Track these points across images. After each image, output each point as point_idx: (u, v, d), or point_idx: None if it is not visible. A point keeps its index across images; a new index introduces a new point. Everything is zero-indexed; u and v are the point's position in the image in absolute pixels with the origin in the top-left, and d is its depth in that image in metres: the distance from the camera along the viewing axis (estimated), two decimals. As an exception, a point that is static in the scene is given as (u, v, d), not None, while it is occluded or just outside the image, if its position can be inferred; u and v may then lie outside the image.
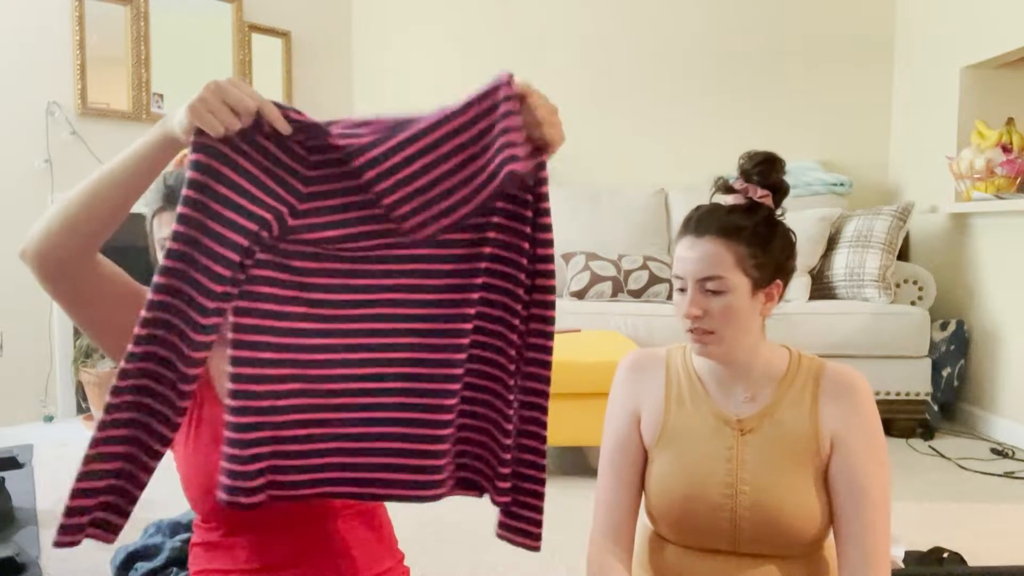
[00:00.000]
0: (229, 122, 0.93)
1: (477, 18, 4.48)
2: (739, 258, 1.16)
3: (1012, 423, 3.30)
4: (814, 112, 4.37)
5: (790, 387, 1.21)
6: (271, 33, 4.20)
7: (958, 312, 3.66)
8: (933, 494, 2.65)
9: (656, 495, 1.24)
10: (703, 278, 1.16)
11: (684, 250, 1.19)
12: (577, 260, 3.79)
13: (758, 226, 1.17)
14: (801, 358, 1.25)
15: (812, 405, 1.19)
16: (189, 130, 0.95)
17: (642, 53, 4.43)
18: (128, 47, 3.67)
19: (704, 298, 1.17)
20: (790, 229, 1.23)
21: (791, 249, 1.23)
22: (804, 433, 1.18)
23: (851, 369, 1.23)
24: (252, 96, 0.94)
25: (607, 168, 4.43)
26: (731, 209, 1.19)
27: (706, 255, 1.16)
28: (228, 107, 0.93)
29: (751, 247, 1.16)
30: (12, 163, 3.37)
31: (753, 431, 1.20)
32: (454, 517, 2.36)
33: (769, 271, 1.18)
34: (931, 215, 3.85)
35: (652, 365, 1.31)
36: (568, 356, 2.72)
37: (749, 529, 1.17)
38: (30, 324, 3.44)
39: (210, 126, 0.93)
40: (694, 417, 1.24)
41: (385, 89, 4.53)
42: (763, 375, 1.23)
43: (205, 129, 0.93)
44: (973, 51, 3.57)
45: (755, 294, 1.18)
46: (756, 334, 1.22)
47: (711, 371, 1.25)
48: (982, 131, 3.50)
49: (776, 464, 1.18)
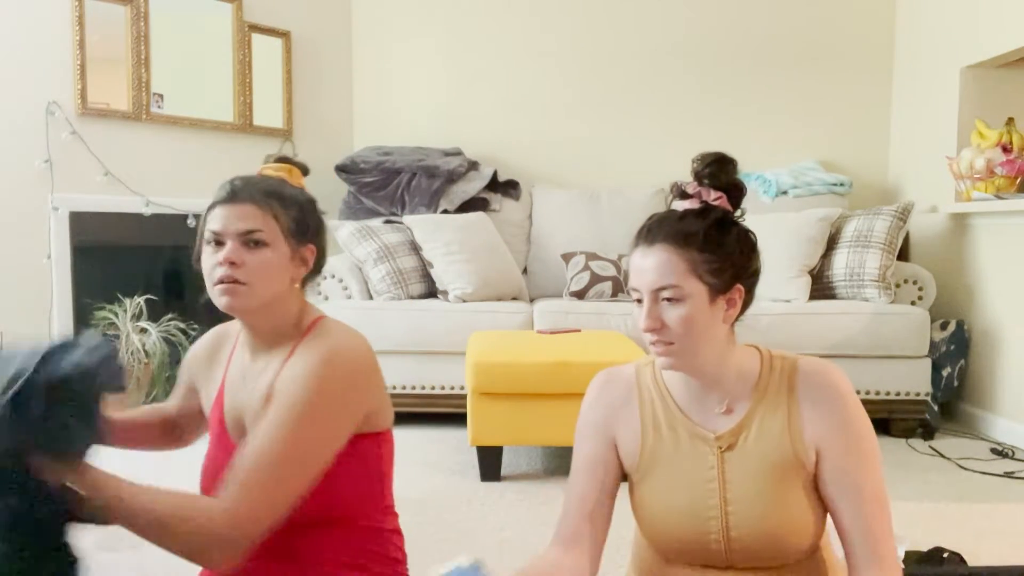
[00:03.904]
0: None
1: (477, 19, 4.47)
2: (692, 264, 1.10)
3: (1012, 423, 3.30)
4: (814, 112, 4.37)
5: (765, 394, 1.17)
6: (271, 33, 4.20)
7: (958, 312, 3.66)
8: (933, 494, 2.65)
9: (644, 520, 1.22)
10: (657, 288, 1.11)
11: (637, 260, 1.14)
12: (577, 260, 3.79)
13: (710, 229, 1.12)
14: (772, 359, 1.20)
15: (790, 412, 1.15)
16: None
17: (641, 54, 4.43)
18: (128, 47, 3.67)
19: (660, 309, 1.12)
20: (748, 230, 1.17)
21: (751, 251, 1.17)
22: (786, 446, 1.14)
23: (825, 364, 1.18)
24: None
25: (607, 168, 4.43)
26: (683, 215, 1.14)
27: (659, 264, 1.11)
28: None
29: (704, 252, 1.11)
30: (12, 163, 3.36)
31: (732, 447, 1.16)
32: (452, 516, 2.36)
33: (727, 276, 1.12)
34: (931, 215, 3.85)
35: (623, 389, 1.26)
36: (568, 356, 2.72)
37: (741, 548, 1.15)
38: (30, 324, 3.44)
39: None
40: (671, 440, 1.20)
41: (385, 89, 4.53)
42: (737, 383, 1.18)
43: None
44: (973, 51, 3.56)
45: (714, 301, 1.12)
46: (722, 343, 1.16)
47: (683, 385, 1.21)
48: (982, 131, 3.50)
49: (761, 480, 1.14)
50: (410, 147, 4.31)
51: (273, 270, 1.22)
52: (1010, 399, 3.34)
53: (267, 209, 1.21)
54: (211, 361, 1.38)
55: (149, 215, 3.70)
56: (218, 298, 1.21)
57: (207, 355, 1.40)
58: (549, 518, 2.38)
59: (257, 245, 1.20)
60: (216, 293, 1.21)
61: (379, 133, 4.49)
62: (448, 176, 4.12)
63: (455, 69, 4.50)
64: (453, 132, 4.45)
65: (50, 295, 3.48)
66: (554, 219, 4.17)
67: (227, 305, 1.21)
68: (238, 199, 1.21)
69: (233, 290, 1.19)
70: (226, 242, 1.20)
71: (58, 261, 3.49)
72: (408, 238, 3.78)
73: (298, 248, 1.26)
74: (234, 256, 1.19)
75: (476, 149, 4.38)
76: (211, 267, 1.21)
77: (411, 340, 3.45)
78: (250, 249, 1.20)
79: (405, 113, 4.51)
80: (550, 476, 2.83)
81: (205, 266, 1.22)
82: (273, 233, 1.21)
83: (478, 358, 2.72)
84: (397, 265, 3.65)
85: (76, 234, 3.52)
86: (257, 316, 1.24)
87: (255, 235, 1.20)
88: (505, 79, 4.47)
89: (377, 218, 4.05)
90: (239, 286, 1.19)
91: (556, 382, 2.67)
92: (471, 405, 2.73)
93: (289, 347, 1.25)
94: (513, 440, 2.75)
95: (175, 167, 3.85)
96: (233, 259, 1.19)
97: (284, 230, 1.23)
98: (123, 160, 3.65)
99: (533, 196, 4.27)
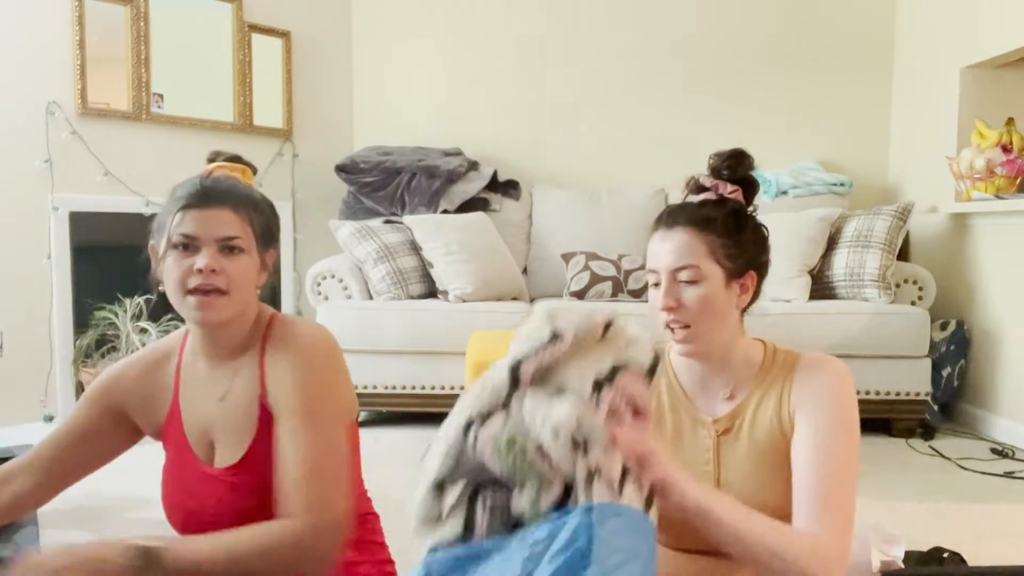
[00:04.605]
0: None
1: (477, 19, 4.47)
2: (711, 248, 1.16)
3: (1012, 423, 3.30)
4: (814, 112, 4.37)
5: (763, 382, 1.20)
6: (271, 33, 4.20)
7: (958, 312, 3.66)
8: (933, 494, 2.65)
9: None
10: (677, 268, 1.16)
11: (657, 243, 1.19)
12: (577, 260, 3.79)
13: (727, 217, 1.17)
14: (776, 351, 1.23)
15: (782, 395, 1.18)
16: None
17: (642, 54, 4.43)
18: (128, 47, 3.67)
19: (678, 289, 1.16)
20: (762, 223, 1.23)
21: (764, 243, 1.22)
22: (775, 428, 1.17)
23: (829, 356, 1.20)
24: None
25: (607, 168, 4.43)
26: (702, 203, 1.20)
27: (679, 246, 1.16)
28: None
29: (722, 237, 1.16)
30: (12, 163, 3.36)
31: (729, 431, 1.19)
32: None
33: (742, 262, 1.18)
34: (931, 215, 3.85)
35: None
36: (568, 356, 2.72)
37: None
38: (30, 324, 3.44)
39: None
40: (673, 423, 1.23)
41: (385, 89, 4.53)
42: (742, 370, 1.22)
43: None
44: (973, 51, 3.56)
45: (729, 284, 1.17)
46: (734, 328, 1.21)
47: (691, 371, 1.24)
48: (982, 131, 3.50)
49: (755, 463, 1.17)
50: (410, 147, 4.30)
51: (250, 278, 1.19)
52: (1010, 399, 3.34)
53: (243, 214, 1.18)
54: (148, 381, 1.28)
55: (149, 215, 3.70)
56: (192, 310, 1.15)
57: (140, 375, 1.29)
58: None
59: (233, 252, 1.16)
60: (191, 304, 1.15)
61: (379, 133, 4.49)
62: (448, 176, 4.12)
63: (455, 69, 4.50)
64: (453, 132, 4.45)
65: (50, 295, 3.48)
66: (554, 219, 4.17)
67: (203, 319, 1.16)
68: (212, 203, 1.16)
69: (211, 302, 1.14)
70: (201, 248, 1.15)
71: (58, 261, 3.49)
72: (408, 238, 3.78)
73: (264, 253, 1.23)
74: (215, 263, 1.14)
75: (476, 149, 4.38)
76: (183, 274, 1.15)
77: (411, 340, 3.45)
78: (227, 256, 1.15)
79: (405, 113, 4.51)
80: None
81: (173, 272, 1.15)
82: (249, 240, 1.18)
83: (478, 358, 2.72)
84: (397, 265, 3.65)
85: (76, 234, 3.52)
86: (228, 326, 1.20)
87: (234, 241, 1.16)
88: (505, 79, 4.47)
89: (377, 218, 4.05)
90: (219, 296, 1.15)
91: (556, 382, 2.67)
92: (471, 405, 2.72)
93: (255, 348, 1.22)
94: (513, 440, 2.74)
95: (175, 167, 3.83)
96: (214, 267, 1.14)
97: (256, 236, 1.20)
98: (123, 160, 3.65)
99: (533, 196, 4.27)
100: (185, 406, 1.26)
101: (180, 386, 1.27)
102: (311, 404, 1.14)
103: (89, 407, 1.29)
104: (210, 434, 1.23)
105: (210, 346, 1.23)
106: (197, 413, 1.24)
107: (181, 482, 1.24)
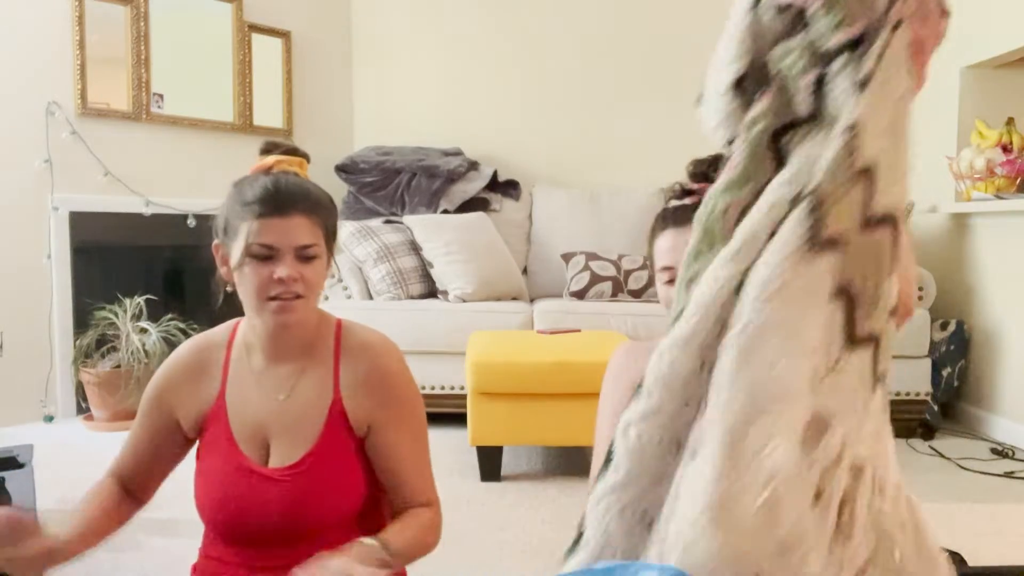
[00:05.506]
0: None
1: (477, 18, 4.47)
2: None
3: (1012, 423, 3.30)
4: (814, 112, 4.36)
5: None
6: (271, 33, 4.20)
7: (958, 312, 3.66)
8: (933, 494, 2.64)
9: None
10: None
11: (669, 241, 1.19)
12: (577, 260, 3.79)
13: None
14: None
15: None
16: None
17: (642, 53, 4.43)
18: (128, 47, 3.67)
19: None
20: None
21: None
22: None
23: None
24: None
25: (607, 168, 4.43)
26: (696, 205, 1.20)
27: None
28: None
29: None
30: (12, 163, 3.36)
31: None
32: (452, 516, 2.35)
33: None
34: (931, 215, 3.85)
35: (645, 365, 1.29)
36: (568, 356, 2.72)
37: None
38: (30, 324, 3.44)
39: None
40: None
41: (385, 89, 4.53)
42: None
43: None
44: (973, 51, 3.56)
45: None
46: None
47: None
48: (982, 131, 3.50)
49: None
50: (410, 147, 4.31)
51: (323, 279, 1.23)
52: (1010, 399, 3.34)
53: (317, 221, 1.20)
54: (196, 377, 1.27)
55: (149, 215, 3.70)
56: (273, 314, 1.17)
57: (190, 372, 1.27)
58: (550, 518, 2.39)
59: (310, 259, 1.18)
60: (271, 309, 1.17)
61: (379, 133, 4.49)
62: (448, 176, 4.12)
63: (455, 69, 4.50)
64: (453, 132, 4.45)
65: (50, 295, 3.48)
66: (554, 219, 4.17)
67: (284, 322, 1.19)
68: (288, 210, 1.16)
69: (290, 306, 1.17)
70: (279, 256, 1.16)
71: (58, 261, 3.49)
72: (408, 238, 3.78)
73: (330, 254, 1.25)
74: (295, 272, 1.16)
75: (476, 149, 4.38)
76: (263, 282, 1.16)
77: (411, 340, 3.45)
78: (304, 263, 1.18)
79: (405, 113, 4.51)
80: (550, 476, 2.83)
81: (253, 280, 1.16)
82: (321, 244, 1.21)
83: (478, 358, 2.72)
84: (397, 265, 3.65)
85: (76, 234, 3.53)
86: (298, 325, 1.22)
87: (311, 249, 1.18)
88: (505, 79, 4.47)
89: (377, 218, 4.05)
90: (298, 301, 1.17)
91: (556, 382, 2.67)
92: (471, 405, 2.73)
93: (326, 353, 1.25)
94: (513, 440, 2.75)
95: (175, 167, 3.85)
96: (295, 276, 1.16)
97: (326, 238, 1.22)
98: (123, 160, 3.65)
99: (533, 196, 4.27)
100: (233, 402, 1.24)
101: (228, 381, 1.25)
102: (410, 408, 1.28)
103: (144, 414, 1.29)
104: (265, 432, 1.22)
105: (275, 344, 1.24)
106: (249, 410, 1.23)
107: (224, 479, 1.21)
